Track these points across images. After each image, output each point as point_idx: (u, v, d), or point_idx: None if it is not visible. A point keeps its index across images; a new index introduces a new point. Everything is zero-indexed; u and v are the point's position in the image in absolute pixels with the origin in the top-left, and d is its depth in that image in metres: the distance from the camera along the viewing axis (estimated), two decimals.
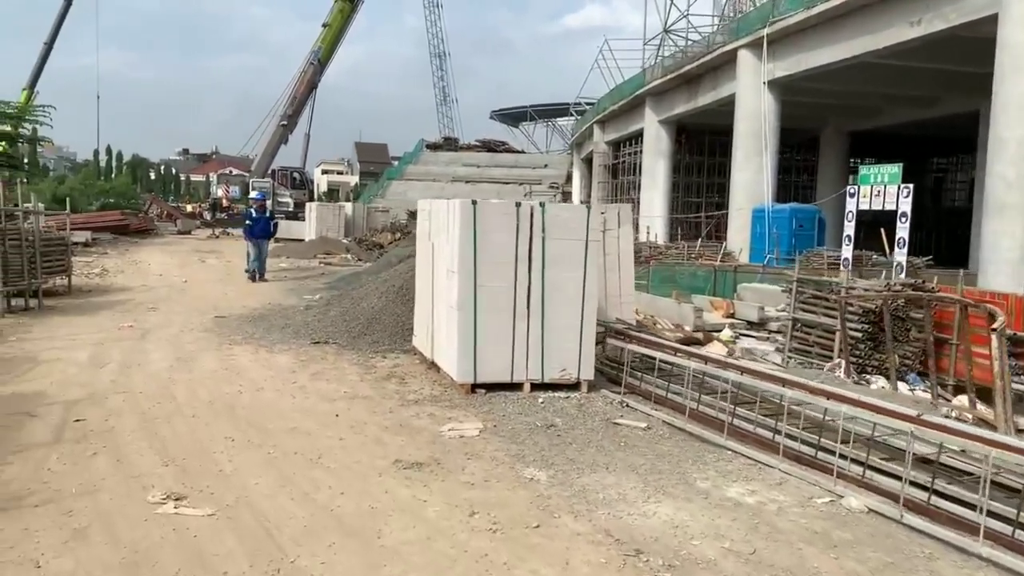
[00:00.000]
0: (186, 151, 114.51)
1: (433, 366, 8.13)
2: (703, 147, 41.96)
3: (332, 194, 79.41)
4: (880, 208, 17.76)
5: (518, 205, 7.17)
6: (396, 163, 78.39)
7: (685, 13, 44.64)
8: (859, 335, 9.30)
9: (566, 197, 56.71)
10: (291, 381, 7.61)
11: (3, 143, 30.71)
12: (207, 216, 43.95)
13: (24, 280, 11.69)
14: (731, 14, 39.94)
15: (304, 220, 31.38)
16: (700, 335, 9.66)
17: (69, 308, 12.18)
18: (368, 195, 62.60)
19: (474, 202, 7.06)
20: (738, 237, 28.04)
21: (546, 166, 71.80)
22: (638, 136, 42.55)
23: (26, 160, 37.99)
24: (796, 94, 27.95)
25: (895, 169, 17.80)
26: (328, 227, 28.75)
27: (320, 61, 42.97)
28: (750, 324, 14.58)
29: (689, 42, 41.32)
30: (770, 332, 14.46)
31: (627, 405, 6.94)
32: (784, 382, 5.99)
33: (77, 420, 6.03)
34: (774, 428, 5.78)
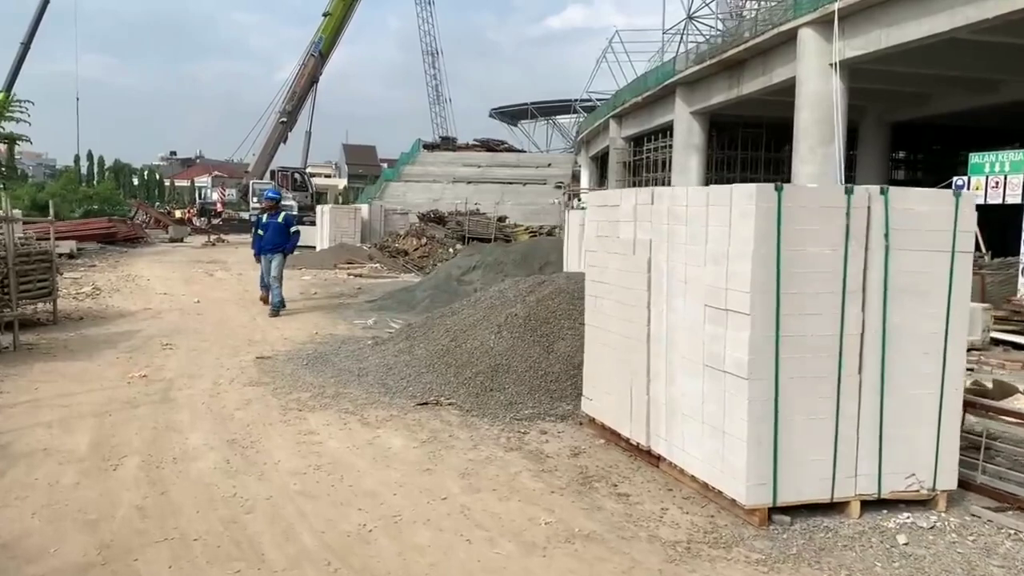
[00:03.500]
0: (173, 154, 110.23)
1: (644, 454, 5.11)
2: (736, 141, 39.11)
3: (320, 197, 75.85)
4: (999, 202, 15.12)
5: (849, 191, 4.12)
6: (385, 165, 74.91)
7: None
8: None
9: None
10: (438, 495, 4.51)
11: None
12: (196, 222, 40.76)
13: None
14: None
15: (310, 224, 28.09)
16: (989, 384, 6.70)
17: (56, 347, 9.02)
18: (364, 198, 59.41)
19: (778, 187, 4.00)
20: None
21: (550, 165, 69.11)
22: (664, 130, 39.67)
23: (2, 164, 34.75)
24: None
25: (1019, 156, 15.13)
26: (344, 232, 25.52)
27: (322, 53, 39.75)
28: None
29: (716, 30, 38.54)
30: None
31: None
32: None
33: None
34: None
